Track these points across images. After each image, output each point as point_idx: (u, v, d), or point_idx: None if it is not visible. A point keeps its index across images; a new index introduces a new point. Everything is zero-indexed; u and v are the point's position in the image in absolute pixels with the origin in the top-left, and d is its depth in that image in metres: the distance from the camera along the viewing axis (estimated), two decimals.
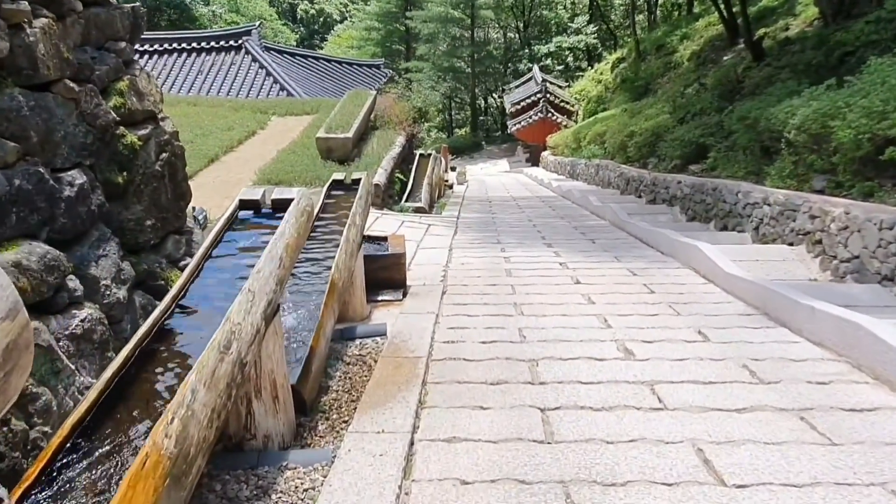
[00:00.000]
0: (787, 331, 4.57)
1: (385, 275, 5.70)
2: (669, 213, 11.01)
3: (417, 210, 12.22)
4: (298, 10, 64.65)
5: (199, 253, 2.83)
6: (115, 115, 3.77)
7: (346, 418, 3.25)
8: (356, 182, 5.32)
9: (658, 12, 32.27)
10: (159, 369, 2.20)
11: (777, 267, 6.43)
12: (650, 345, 4.33)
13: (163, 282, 4.10)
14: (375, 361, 4.06)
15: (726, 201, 9.02)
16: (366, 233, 6.47)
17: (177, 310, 2.51)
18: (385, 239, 6.06)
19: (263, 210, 3.29)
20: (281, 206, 3.18)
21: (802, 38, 11.86)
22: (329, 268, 4.00)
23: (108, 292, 3.32)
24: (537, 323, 4.89)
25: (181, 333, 2.41)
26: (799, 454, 2.80)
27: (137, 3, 4.41)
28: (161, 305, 2.47)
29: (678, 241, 7.42)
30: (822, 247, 6.43)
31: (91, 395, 1.93)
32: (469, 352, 4.24)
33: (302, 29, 63.55)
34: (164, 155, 4.30)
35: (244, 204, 3.27)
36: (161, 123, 4.41)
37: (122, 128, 3.88)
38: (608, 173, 16.15)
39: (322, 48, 54.64)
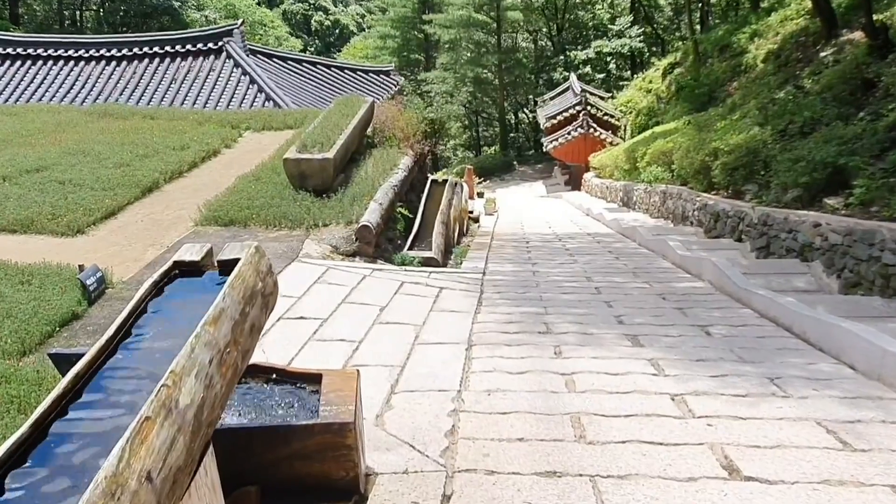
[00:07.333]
0: None
1: (308, 470, 2.09)
2: (808, 273, 7.15)
3: (426, 262, 8.48)
4: (313, 21, 60.92)
5: None
6: None
7: None
8: (229, 267, 1.79)
9: (711, 11, 28.68)
10: None
11: None
12: None
13: None
14: None
15: None
16: (286, 366, 2.81)
17: None
18: (316, 380, 2.47)
19: None
20: None
21: None
22: None
23: None
24: None
25: None
26: None
27: None
28: None
29: None
30: None
31: None
32: None
33: (317, 42, 60.00)
34: None
35: None
36: None
37: None
38: (683, 204, 12.26)
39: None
